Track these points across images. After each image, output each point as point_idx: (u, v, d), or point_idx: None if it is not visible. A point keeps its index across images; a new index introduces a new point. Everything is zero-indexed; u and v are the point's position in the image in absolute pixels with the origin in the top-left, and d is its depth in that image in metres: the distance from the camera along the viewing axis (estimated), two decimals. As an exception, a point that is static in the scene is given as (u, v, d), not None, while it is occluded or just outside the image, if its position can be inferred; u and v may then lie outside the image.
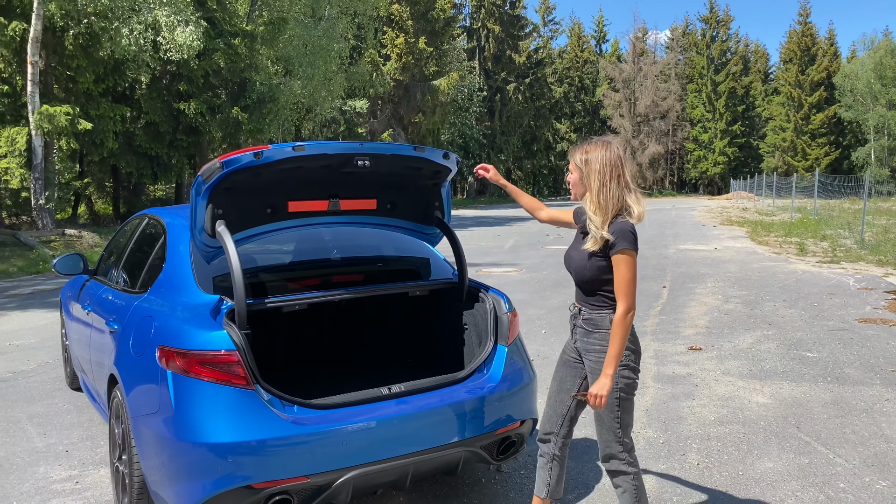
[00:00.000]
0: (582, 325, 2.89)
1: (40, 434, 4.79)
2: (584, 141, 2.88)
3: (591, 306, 2.85)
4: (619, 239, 2.70)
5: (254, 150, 2.92)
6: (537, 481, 3.13)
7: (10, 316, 9.47)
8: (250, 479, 2.78)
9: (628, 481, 2.89)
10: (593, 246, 2.75)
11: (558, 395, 3.04)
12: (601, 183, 2.74)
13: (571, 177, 2.87)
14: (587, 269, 2.80)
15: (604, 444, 2.90)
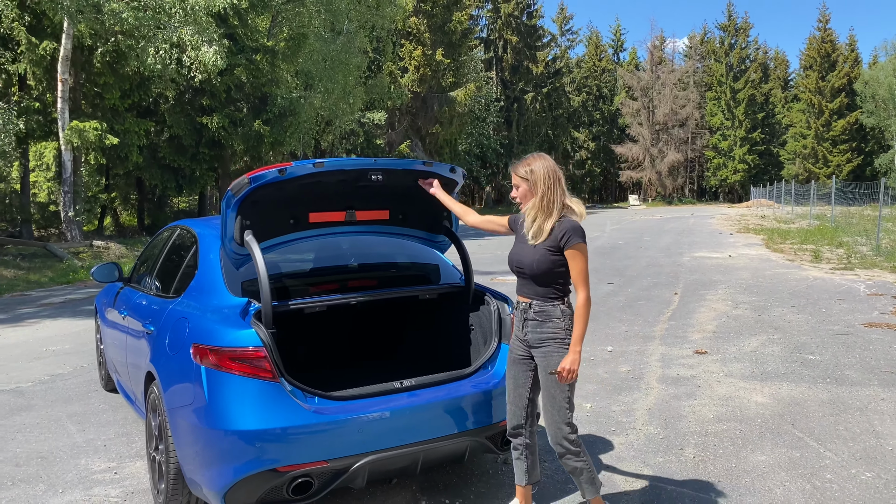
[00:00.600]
0: (534, 318, 3.17)
1: (79, 430, 5.13)
2: (521, 158, 3.26)
3: (544, 299, 3.15)
4: (571, 235, 3.06)
5: (278, 167, 3.24)
6: (516, 472, 3.42)
7: (45, 323, 9.90)
8: (276, 462, 3.09)
9: (581, 460, 3.17)
10: (535, 240, 3.11)
11: (516, 391, 3.32)
12: (546, 187, 3.11)
13: (517, 191, 3.22)
14: (542, 264, 3.10)
15: (555, 427, 3.16)
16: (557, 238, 3.07)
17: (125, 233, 25.31)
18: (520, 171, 3.20)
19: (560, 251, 3.08)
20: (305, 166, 3.29)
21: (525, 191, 3.18)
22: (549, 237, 3.09)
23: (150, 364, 3.80)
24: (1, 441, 4.95)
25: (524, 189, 3.18)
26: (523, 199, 3.20)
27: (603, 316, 8.91)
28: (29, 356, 7.68)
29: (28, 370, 7.03)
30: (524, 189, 3.18)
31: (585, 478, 3.20)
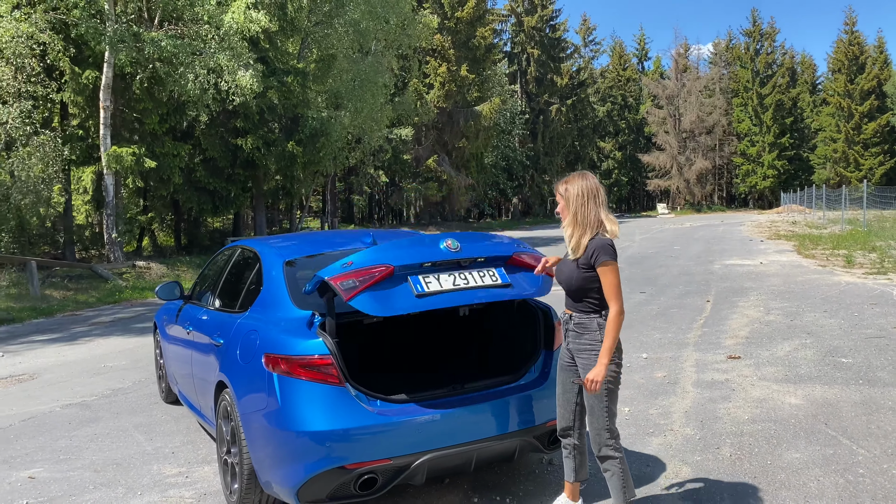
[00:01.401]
0: (574, 329, 3.40)
1: (147, 440, 5.49)
2: (565, 175, 3.49)
3: (580, 312, 3.38)
4: (600, 253, 3.25)
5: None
6: (566, 470, 3.66)
7: (99, 341, 10.36)
8: (344, 460, 3.38)
9: (615, 465, 3.36)
10: (574, 255, 3.32)
11: (564, 396, 3.55)
12: (579, 204, 3.32)
13: (560, 207, 3.45)
14: (575, 280, 3.33)
15: (594, 433, 3.37)
16: (589, 256, 3.27)
17: (163, 253, 26.00)
18: (559, 189, 3.44)
19: (592, 268, 3.28)
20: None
21: (562, 207, 3.42)
22: (583, 253, 3.29)
23: (222, 374, 4.13)
24: (76, 450, 5.32)
25: (562, 205, 3.42)
26: (562, 215, 3.43)
27: (637, 324, 9.11)
28: (90, 372, 8.10)
29: (91, 385, 7.44)
30: (562, 205, 3.42)
31: (618, 484, 3.37)
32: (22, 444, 5.52)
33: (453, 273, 3.53)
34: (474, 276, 3.57)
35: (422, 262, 3.47)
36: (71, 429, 5.89)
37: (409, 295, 3.40)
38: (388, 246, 3.61)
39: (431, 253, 3.50)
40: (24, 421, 6.20)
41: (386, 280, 3.39)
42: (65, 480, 4.68)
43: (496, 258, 3.67)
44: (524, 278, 3.71)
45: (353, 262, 3.40)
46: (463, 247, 3.55)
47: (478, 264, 3.60)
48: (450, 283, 3.50)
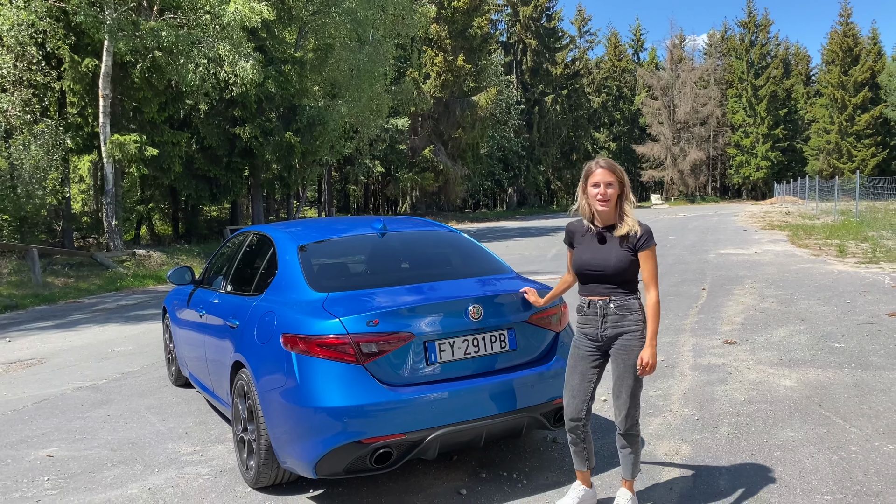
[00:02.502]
0: (616, 312, 3.40)
1: (160, 420, 5.63)
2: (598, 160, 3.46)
3: (623, 294, 3.41)
4: (648, 238, 3.36)
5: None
6: (577, 460, 3.64)
7: (103, 328, 10.48)
8: (360, 435, 3.53)
9: (638, 443, 3.53)
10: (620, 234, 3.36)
11: (581, 386, 3.51)
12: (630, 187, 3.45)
13: (610, 190, 3.37)
14: (623, 263, 3.35)
15: (630, 413, 3.45)
16: (638, 239, 3.33)
17: (161, 241, 26.08)
18: (618, 170, 3.41)
19: (635, 251, 3.34)
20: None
21: (616, 190, 3.38)
22: (633, 236, 3.33)
23: (238, 354, 4.27)
24: (91, 430, 5.46)
25: (616, 189, 3.38)
26: (612, 198, 3.37)
27: (634, 311, 9.26)
28: (97, 357, 8.23)
29: (99, 369, 7.57)
30: (616, 189, 3.38)
31: (634, 460, 3.52)
32: (37, 425, 5.66)
33: (468, 339, 3.82)
34: (486, 342, 3.87)
35: (444, 333, 3.75)
36: (84, 410, 6.02)
37: (420, 361, 3.71)
38: (414, 305, 3.80)
39: (455, 324, 3.76)
40: (36, 403, 6.33)
41: (404, 346, 3.66)
42: (83, 458, 4.82)
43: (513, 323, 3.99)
44: (534, 339, 4.07)
45: (379, 320, 3.62)
46: (485, 312, 3.84)
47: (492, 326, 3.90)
48: (462, 350, 3.80)
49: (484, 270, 4.57)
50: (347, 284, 4.27)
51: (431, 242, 5.01)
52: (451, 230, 5.14)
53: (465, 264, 4.70)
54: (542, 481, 4.08)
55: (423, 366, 3.70)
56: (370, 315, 3.65)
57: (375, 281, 4.32)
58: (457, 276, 4.45)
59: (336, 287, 4.11)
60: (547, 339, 4.13)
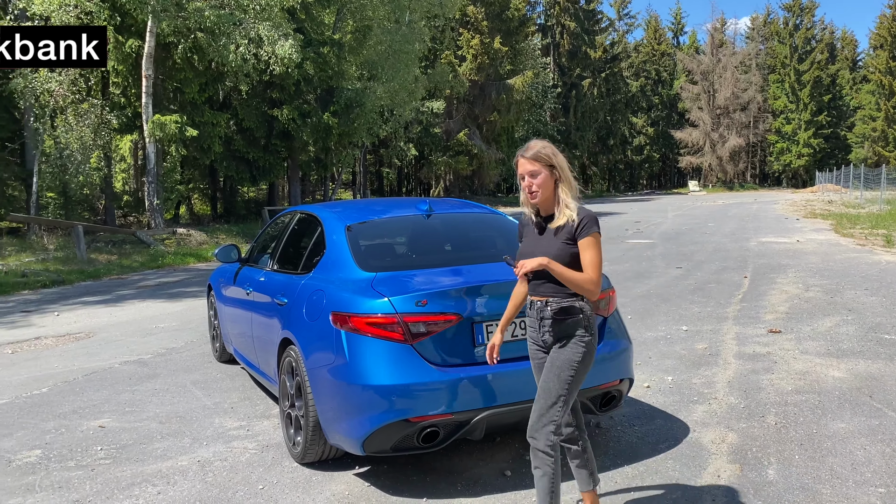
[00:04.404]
0: (552, 316, 2.97)
1: (206, 395, 5.74)
2: (526, 146, 3.01)
3: (564, 295, 2.95)
4: (590, 223, 2.90)
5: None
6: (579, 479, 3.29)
7: (147, 303, 10.70)
8: (408, 413, 3.56)
9: (549, 464, 2.94)
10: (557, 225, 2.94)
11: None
12: (568, 175, 2.97)
13: (536, 180, 2.95)
14: (563, 257, 2.90)
15: (538, 417, 2.97)
16: (575, 227, 2.91)
17: (200, 221, 26.49)
18: (543, 155, 2.95)
19: (575, 241, 2.91)
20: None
21: (545, 178, 2.95)
22: (570, 225, 2.92)
23: (287, 331, 4.32)
24: (140, 403, 5.58)
25: (545, 176, 2.95)
26: (543, 190, 2.97)
27: (675, 298, 9.18)
28: (142, 332, 8.41)
29: (145, 344, 7.74)
30: (545, 176, 2.95)
31: (546, 486, 2.97)
32: (88, 396, 5.81)
33: (515, 321, 3.74)
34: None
35: (491, 315, 3.70)
36: (132, 384, 6.16)
37: (468, 345, 3.68)
38: (462, 287, 3.76)
39: (503, 306, 3.44)
40: (86, 375, 6.50)
41: (451, 327, 3.63)
42: (133, 430, 4.94)
43: None
44: None
45: (428, 300, 3.61)
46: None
47: None
48: (509, 333, 3.72)
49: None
50: (394, 265, 4.29)
51: (477, 224, 5.00)
52: (496, 212, 5.12)
53: (510, 246, 4.67)
54: (587, 465, 4.06)
55: (470, 347, 3.70)
56: (419, 295, 3.66)
57: (422, 262, 4.33)
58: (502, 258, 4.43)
59: (383, 267, 4.14)
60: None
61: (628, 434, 4.54)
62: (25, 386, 6.18)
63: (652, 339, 6.99)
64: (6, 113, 20.87)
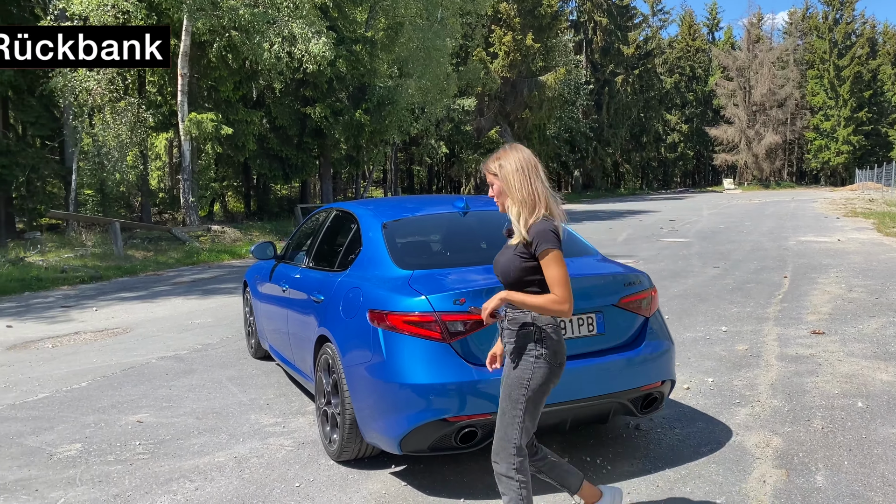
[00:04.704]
0: (508, 327, 2.91)
1: (241, 391, 5.76)
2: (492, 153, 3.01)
3: (514, 308, 2.87)
4: (541, 241, 2.73)
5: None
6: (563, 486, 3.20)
7: (182, 300, 10.82)
8: (446, 413, 3.51)
9: (513, 488, 2.84)
10: (515, 241, 2.82)
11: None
12: (524, 177, 2.79)
13: (492, 189, 2.92)
14: (514, 271, 2.83)
15: (497, 439, 2.90)
16: (530, 242, 2.76)
17: (234, 218, 26.78)
18: (490, 167, 2.89)
19: (533, 257, 2.77)
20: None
21: (499, 189, 2.88)
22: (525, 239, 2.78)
23: (323, 329, 4.30)
24: (177, 398, 5.62)
25: (498, 186, 2.87)
26: (499, 200, 2.91)
27: (713, 298, 9.00)
28: (178, 328, 8.50)
29: (181, 340, 7.81)
30: (498, 186, 2.87)
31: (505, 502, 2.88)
32: (126, 391, 5.87)
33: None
34: (573, 325, 3.74)
35: None
36: (169, 379, 6.21)
37: None
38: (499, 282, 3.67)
39: None
40: (124, 370, 6.57)
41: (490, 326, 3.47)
42: (170, 425, 4.97)
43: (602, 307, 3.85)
44: (623, 324, 3.91)
45: (466, 299, 3.54)
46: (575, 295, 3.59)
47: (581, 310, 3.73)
48: None
49: (569, 252, 4.46)
50: (432, 262, 4.25)
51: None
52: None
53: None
54: (627, 468, 3.98)
55: None
56: (457, 294, 3.61)
57: (459, 260, 4.28)
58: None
59: (420, 265, 4.10)
60: (636, 323, 4.01)
61: (669, 436, 4.45)
62: (66, 380, 6.27)
63: (691, 340, 6.85)
64: (46, 112, 21.32)
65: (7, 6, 20.64)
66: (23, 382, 6.26)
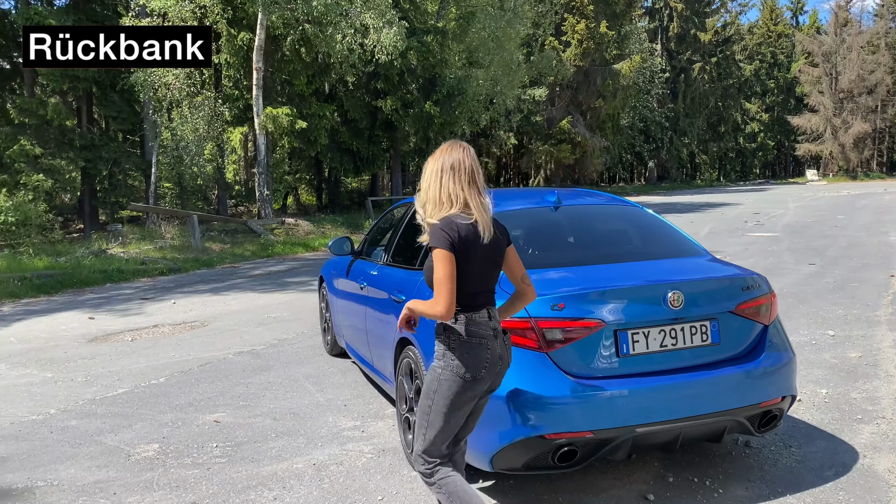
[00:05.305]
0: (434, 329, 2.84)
1: (318, 390, 5.58)
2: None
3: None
4: (431, 238, 2.67)
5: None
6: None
7: (259, 293, 10.82)
8: (543, 429, 3.18)
9: (435, 490, 2.81)
10: (424, 239, 2.75)
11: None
12: (428, 182, 2.76)
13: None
14: (426, 271, 2.78)
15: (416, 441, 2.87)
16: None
17: (307, 211, 27.06)
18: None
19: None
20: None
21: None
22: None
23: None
24: (254, 397, 5.48)
25: None
26: None
27: (813, 298, 8.36)
28: (255, 322, 8.44)
29: (258, 335, 7.73)
30: None
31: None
32: (203, 389, 5.77)
33: (664, 329, 3.34)
34: (685, 334, 3.39)
35: (638, 322, 3.31)
36: (245, 376, 6.10)
37: (611, 355, 3.28)
38: (605, 289, 3.38)
39: (652, 312, 3.32)
40: (201, 366, 6.50)
41: (592, 334, 3.25)
42: (248, 426, 4.82)
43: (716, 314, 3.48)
44: (740, 332, 3.53)
45: (565, 303, 3.24)
46: (686, 300, 3.35)
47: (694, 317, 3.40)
48: (658, 342, 3.34)
49: (675, 251, 4.07)
50: (524, 262, 3.90)
51: (611, 218, 4.57)
52: (634, 204, 4.66)
53: (651, 243, 4.22)
54: (742, 492, 3.58)
55: (613, 358, 3.29)
56: (555, 298, 3.28)
57: (552, 260, 3.94)
58: (645, 256, 4.00)
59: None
60: (754, 332, 3.59)
61: (785, 457, 4.00)
62: (144, 375, 6.24)
63: (795, 345, 6.21)
64: (128, 106, 21.95)
65: (91, 4, 21.31)
66: (103, 377, 6.26)
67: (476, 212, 2.70)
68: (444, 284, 2.60)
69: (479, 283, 2.75)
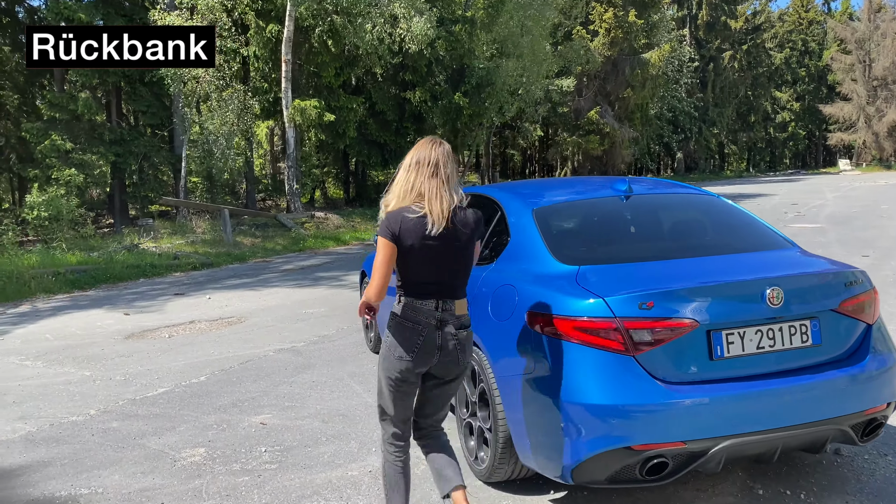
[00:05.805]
0: None
1: (365, 391, 5.34)
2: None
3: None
4: (379, 227, 2.80)
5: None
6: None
7: (292, 288, 10.63)
8: (630, 440, 2.89)
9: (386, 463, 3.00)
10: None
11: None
12: (399, 175, 2.84)
13: None
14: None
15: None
16: None
17: (335, 205, 26.92)
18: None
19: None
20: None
21: None
22: None
23: (470, 332, 3.76)
24: (299, 398, 5.26)
25: None
26: None
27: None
28: (292, 318, 8.23)
29: (297, 331, 7.52)
30: None
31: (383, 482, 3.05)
32: (246, 388, 5.57)
33: (761, 329, 3.03)
34: (783, 335, 3.07)
35: (733, 321, 3.01)
36: (288, 375, 5.88)
37: (704, 358, 2.97)
38: (697, 286, 3.09)
39: (748, 311, 3.02)
40: (242, 364, 6.30)
41: (683, 336, 2.95)
42: (296, 429, 4.59)
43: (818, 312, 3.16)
44: (843, 333, 3.21)
45: (654, 302, 2.94)
46: (785, 297, 3.03)
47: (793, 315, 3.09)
48: (754, 344, 3.03)
49: (761, 244, 3.76)
50: (599, 256, 3.60)
51: (687, 207, 4.26)
52: (710, 194, 4.35)
53: (734, 235, 3.91)
54: (841, 507, 3.26)
55: (706, 361, 2.99)
56: (643, 296, 2.98)
57: (629, 254, 3.66)
58: (730, 249, 3.69)
59: (586, 259, 3.48)
60: (857, 332, 3.26)
61: (882, 467, 3.68)
62: (184, 374, 6.05)
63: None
64: (157, 101, 21.92)
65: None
66: (141, 375, 6.08)
67: (429, 204, 2.74)
68: (378, 270, 2.73)
69: (428, 274, 2.77)
